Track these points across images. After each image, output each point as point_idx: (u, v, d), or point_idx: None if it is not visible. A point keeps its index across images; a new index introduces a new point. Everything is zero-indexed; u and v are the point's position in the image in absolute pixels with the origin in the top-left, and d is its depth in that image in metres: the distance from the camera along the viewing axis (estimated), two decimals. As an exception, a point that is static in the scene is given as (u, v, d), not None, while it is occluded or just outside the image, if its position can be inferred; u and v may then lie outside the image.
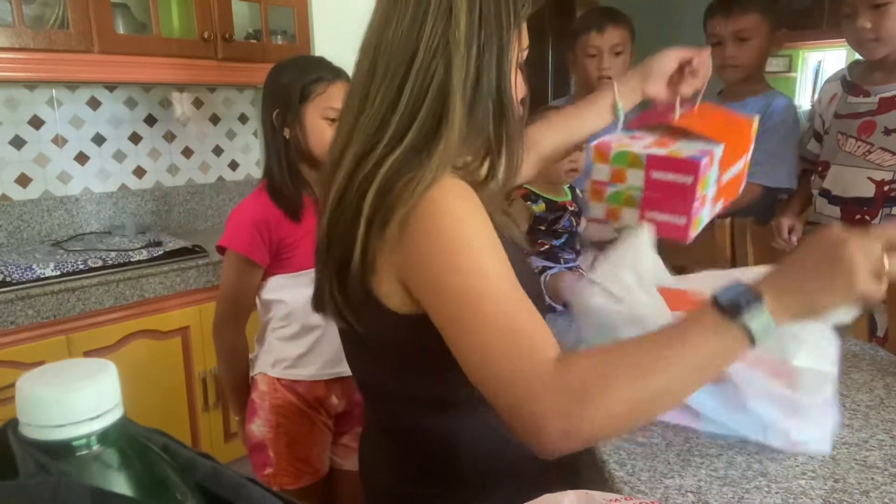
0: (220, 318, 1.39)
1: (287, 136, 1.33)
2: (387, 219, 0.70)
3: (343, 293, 0.77)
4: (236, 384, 1.44)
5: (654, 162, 0.96)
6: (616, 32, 1.88)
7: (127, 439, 0.25)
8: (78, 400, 0.23)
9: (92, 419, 0.23)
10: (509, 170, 0.81)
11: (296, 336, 1.37)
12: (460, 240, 0.69)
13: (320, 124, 1.31)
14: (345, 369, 1.39)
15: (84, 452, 0.23)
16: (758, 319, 0.62)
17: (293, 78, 1.32)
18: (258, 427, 1.38)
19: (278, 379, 1.38)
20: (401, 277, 0.73)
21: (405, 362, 0.81)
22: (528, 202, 1.48)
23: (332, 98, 1.31)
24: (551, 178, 1.49)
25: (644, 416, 0.64)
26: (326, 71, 1.34)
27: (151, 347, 1.91)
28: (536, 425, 0.61)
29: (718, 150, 0.98)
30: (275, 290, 1.38)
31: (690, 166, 0.94)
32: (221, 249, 1.35)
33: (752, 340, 0.62)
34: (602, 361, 0.64)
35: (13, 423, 0.24)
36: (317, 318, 1.39)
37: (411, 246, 0.70)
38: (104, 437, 0.24)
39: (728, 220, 1.74)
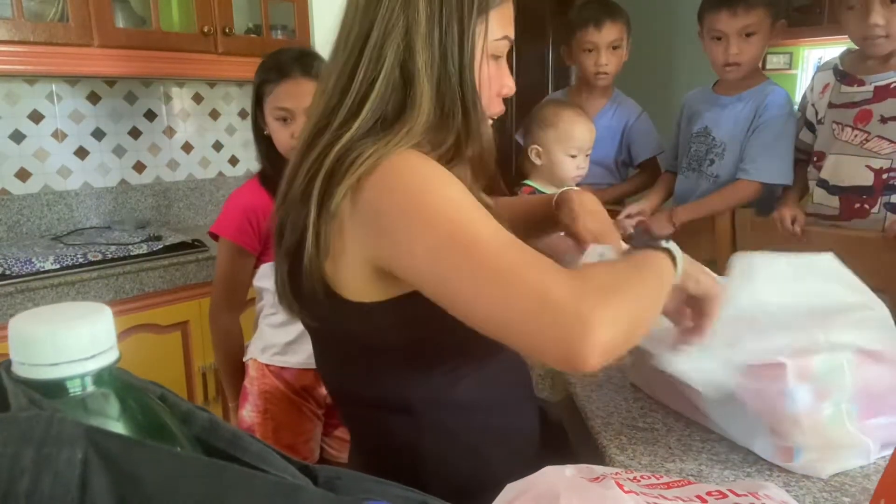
0: (215, 304, 1.42)
1: (267, 133, 1.36)
2: (333, 191, 0.66)
3: (294, 284, 0.73)
4: (231, 370, 1.45)
5: None
6: (614, 28, 1.88)
7: (123, 384, 0.25)
8: (72, 339, 0.23)
9: (86, 359, 0.23)
10: (477, 168, 0.77)
11: (285, 323, 1.38)
12: (425, 190, 0.65)
13: (274, 125, 1.33)
14: None
15: (78, 392, 0.23)
16: (673, 247, 0.74)
17: (256, 80, 1.36)
18: (248, 412, 1.40)
19: (267, 365, 1.39)
20: (365, 256, 0.67)
21: (362, 357, 0.76)
22: None
23: (280, 98, 1.32)
24: (556, 181, 1.50)
25: (641, 320, 0.66)
26: (273, 71, 1.34)
27: (151, 341, 1.90)
28: (584, 335, 0.58)
29: None
30: (264, 277, 1.39)
31: None
32: (214, 236, 1.38)
33: (674, 261, 0.73)
34: (602, 271, 0.67)
35: (6, 363, 0.24)
36: None
37: (373, 215, 0.65)
38: (99, 378, 0.24)
39: (729, 213, 1.74)
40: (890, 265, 1.41)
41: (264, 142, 1.37)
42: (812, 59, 3.68)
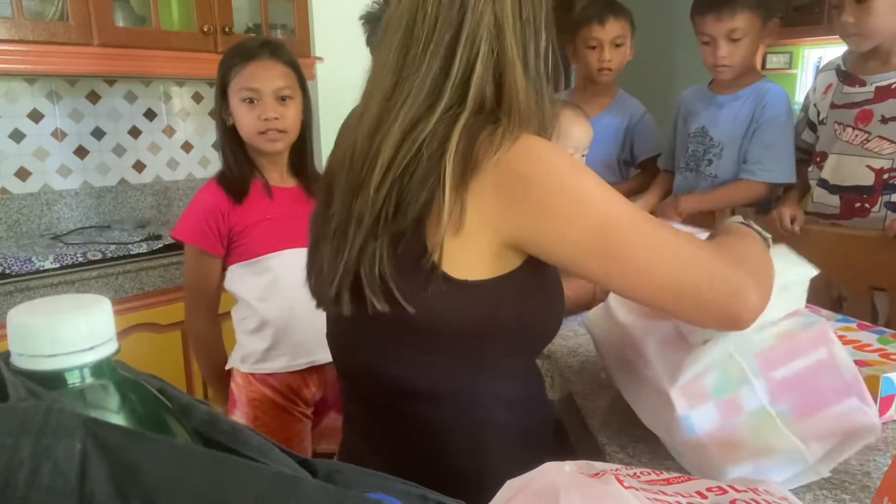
0: (188, 309, 1.40)
1: (230, 124, 1.33)
2: (474, 169, 0.68)
3: (397, 267, 0.72)
4: (213, 375, 1.43)
5: None
6: (617, 25, 1.89)
7: (122, 376, 0.25)
8: (70, 330, 0.22)
9: (84, 350, 0.23)
10: None
11: (257, 329, 1.35)
12: (573, 172, 0.70)
13: (241, 108, 1.30)
14: (320, 357, 1.36)
15: (76, 384, 0.23)
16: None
17: (220, 70, 1.33)
18: (238, 419, 1.38)
19: (251, 374, 1.37)
20: (499, 230, 0.71)
21: (443, 345, 0.76)
22: None
23: (246, 77, 1.30)
24: None
25: (771, 279, 0.76)
26: (240, 53, 1.32)
27: (151, 340, 1.90)
28: (746, 299, 0.70)
29: None
30: (231, 280, 1.37)
31: None
32: (178, 241, 1.37)
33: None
34: (729, 241, 0.79)
35: (5, 355, 0.24)
36: (273, 311, 1.33)
37: (518, 192, 0.69)
38: (98, 370, 0.23)
39: (729, 211, 1.74)
40: (890, 264, 1.41)
41: (229, 135, 1.34)
42: (812, 59, 3.68)
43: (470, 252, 0.72)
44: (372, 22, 1.66)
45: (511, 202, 0.69)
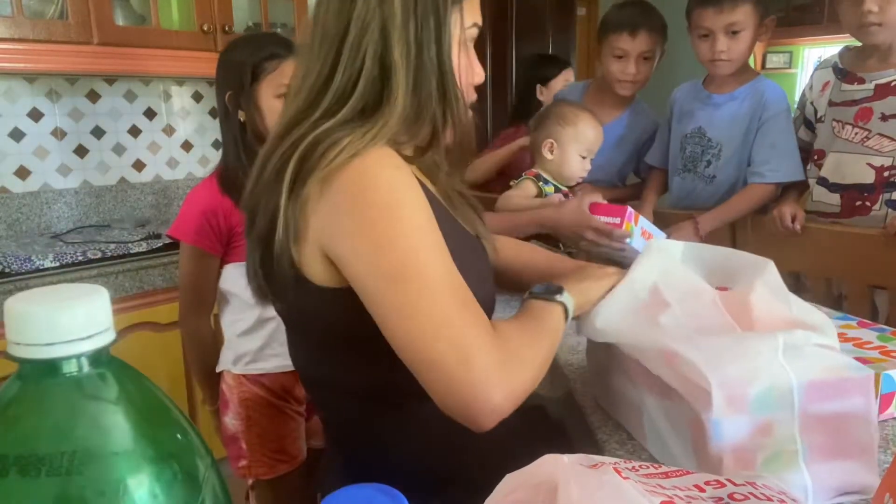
0: (182, 308, 1.38)
1: (242, 119, 1.28)
2: (305, 177, 0.67)
3: (265, 268, 0.74)
4: (205, 374, 1.41)
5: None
6: (649, 38, 1.78)
7: (120, 365, 0.25)
8: (68, 319, 0.22)
9: (82, 339, 0.23)
10: (456, 156, 0.81)
11: (251, 330, 1.34)
12: (393, 210, 0.67)
13: (275, 104, 1.26)
14: None
15: (74, 373, 0.23)
16: (566, 299, 0.80)
17: (244, 57, 1.27)
18: (230, 420, 1.36)
19: (244, 374, 1.35)
20: (321, 244, 0.69)
21: (336, 344, 0.77)
22: (540, 182, 1.50)
23: (286, 75, 1.26)
24: (562, 178, 1.51)
25: (536, 381, 0.72)
26: (279, 47, 1.28)
27: (150, 339, 1.90)
28: (486, 404, 0.65)
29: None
30: (227, 279, 1.34)
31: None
32: (174, 239, 1.34)
33: (566, 312, 0.80)
34: (518, 335, 0.73)
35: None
36: (270, 311, 1.27)
37: (335, 210, 0.67)
38: (95, 359, 0.23)
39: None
40: (890, 262, 1.41)
41: (239, 132, 1.29)
42: (812, 59, 3.68)
43: (312, 260, 0.71)
44: None
45: (328, 222, 0.68)
